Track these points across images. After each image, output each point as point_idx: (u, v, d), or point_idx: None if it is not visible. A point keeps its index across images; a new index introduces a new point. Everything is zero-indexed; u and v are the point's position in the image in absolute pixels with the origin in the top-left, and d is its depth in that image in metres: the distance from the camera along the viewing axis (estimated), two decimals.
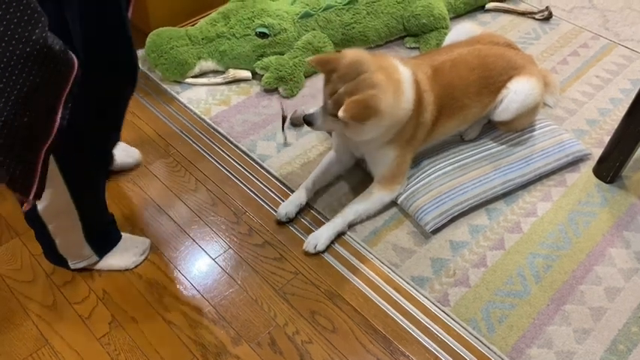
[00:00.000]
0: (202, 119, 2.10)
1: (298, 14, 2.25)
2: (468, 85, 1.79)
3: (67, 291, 1.58)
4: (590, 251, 1.71)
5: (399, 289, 1.61)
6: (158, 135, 2.04)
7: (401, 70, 1.65)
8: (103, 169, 1.53)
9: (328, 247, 1.69)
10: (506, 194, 1.85)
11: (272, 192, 1.85)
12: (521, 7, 2.65)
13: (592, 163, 1.95)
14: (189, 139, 2.03)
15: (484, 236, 1.74)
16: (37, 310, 1.54)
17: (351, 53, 1.59)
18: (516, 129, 1.96)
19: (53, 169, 1.29)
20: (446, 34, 2.22)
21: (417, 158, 1.86)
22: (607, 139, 1.90)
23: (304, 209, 1.79)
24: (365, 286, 1.61)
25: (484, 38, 1.92)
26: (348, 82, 1.54)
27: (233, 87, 2.22)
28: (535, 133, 1.97)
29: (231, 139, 2.02)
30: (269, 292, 1.59)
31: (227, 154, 1.98)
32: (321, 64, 1.58)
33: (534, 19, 2.62)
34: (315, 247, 1.67)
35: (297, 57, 2.19)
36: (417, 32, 2.40)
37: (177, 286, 1.60)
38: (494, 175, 1.83)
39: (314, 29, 2.26)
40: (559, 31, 2.56)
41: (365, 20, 2.32)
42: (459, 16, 2.58)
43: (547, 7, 2.62)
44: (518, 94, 1.82)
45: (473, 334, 1.51)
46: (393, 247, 1.70)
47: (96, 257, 1.58)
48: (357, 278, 1.63)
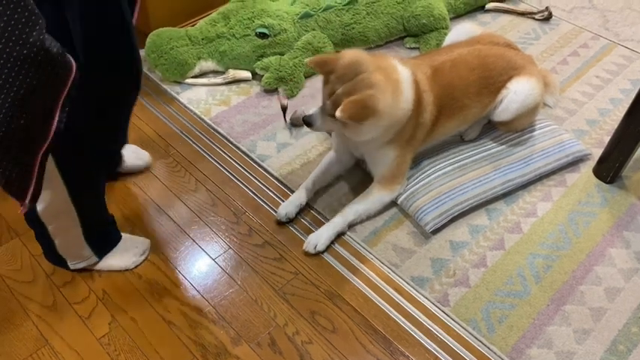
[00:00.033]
0: (202, 119, 2.10)
1: (298, 14, 2.25)
2: (468, 85, 1.79)
3: (67, 291, 1.58)
4: (590, 251, 1.71)
5: (399, 290, 1.61)
6: (158, 135, 2.04)
7: (400, 70, 1.65)
8: (102, 170, 1.53)
9: (328, 248, 1.69)
10: (507, 194, 1.85)
11: (272, 192, 1.85)
12: (521, 8, 2.65)
13: (592, 164, 1.95)
14: (189, 139, 2.03)
15: (484, 236, 1.74)
16: (37, 310, 1.54)
17: (350, 54, 1.59)
18: (516, 129, 1.96)
19: (52, 170, 1.28)
20: (446, 34, 2.22)
21: (417, 158, 1.86)
22: (607, 140, 1.90)
23: (304, 209, 1.79)
24: (365, 286, 1.61)
25: (484, 38, 1.92)
26: (346, 83, 1.54)
27: (233, 87, 2.22)
28: (535, 133, 1.97)
29: (231, 140, 2.02)
30: (269, 293, 1.59)
31: (227, 154, 1.98)
32: (319, 65, 1.59)
33: (534, 19, 2.62)
34: (315, 247, 1.67)
35: (297, 57, 2.19)
36: (417, 32, 2.40)
37: (177, 286, 1.61)
38: (494, 175, 1.83)
39: (314, 29, 2.26)
40: (559, 31, 2.56)
41: (365, 20, 2.32)
42: (458, 16, 2.58)
43: (547, 8, 2.62)
44: (518, 94, 1.82)
45: (473, 335, 1.51)
46: (393, 248, 1.70)
47: (95, 258, 1.58)
48: (357, 278, 1.63)
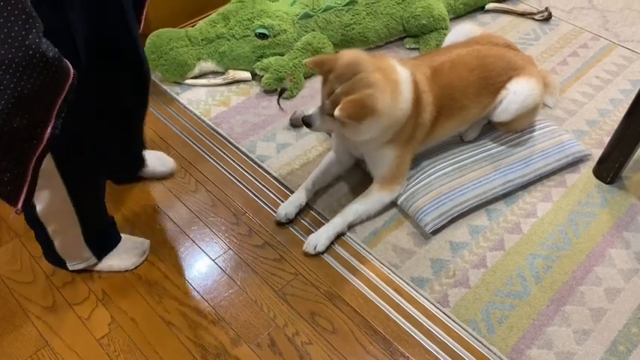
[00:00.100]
0: (202, 120, 2.10)
1: (298, 15, 2.25)
2: (467, 86, 1.79)
3: (67, 292, 1.58)
4: (590, 252, 1.71)
5: (398, 290, 1.61)
6: (158, 136, 2.04)
7: (399, 70, 1.65)
8: (102, 171, 1.53)
9: (328, 248, 1.69)
10: (506, 195, 1.84)
11: (272, 193, 1.85)
12: (520, 8, 2.65)
13: (592, 164, 1.95)
14: (188, 140, 2.03)
15: (484, 237, 1.74)
16: (37, 311, 1.54)
17: (348, 54, 1.59)
18: (516, 130, 1.96)
19: (52, 170, 1.28)
20: (445, 34, 2.22)
21: (417, 159, 1.86)
22: (607, 140, 1.90)
23: (304, 210, 1.79)
24: (365, 287, 1.61)
25: (483, 39, 1.92)
26: (345, 82, 1.54)
27: (233, 88, 2.23)
28: (535, 133, 1.97)
29: (230, 140, 2.02)
30: (269, 293, 1.59)
31: (227, 155, 1.98)
32: (318, 65, 1.59)
33: (534, 19, 2.62)
34: (315, 247, 1.67)
35: (297, 58, 2.19)
36: (417, 33, 2.40)
37: (177, 287, 1.60)
38: (494, 175, 1.83)
39: (313, 30, 2.26)
40: (559, 31, 2.56)
41: (364, 21, 2.32)
42: (458, 16, 2.58)
43: (547, 8, 2.62)
44: (517, 94, 1.82)
45: (473, 335, 1.51)
46: (393, 248, 1.70)
47: (95, 259, 1.58)
48: (356, 279, 1.63)
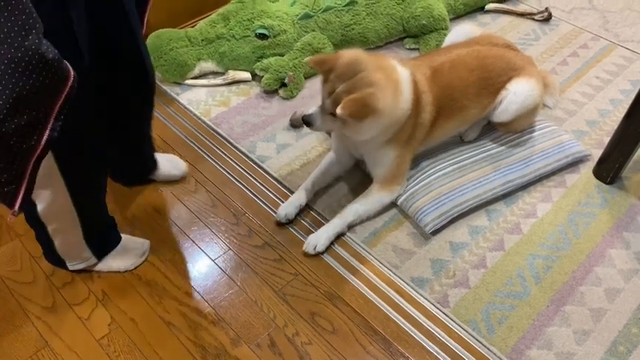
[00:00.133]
0: (202, 120, 2.10)
1: (298, 15, 2.25)
2: (467, 86, 1.79)
3: (67, 292, 1.58)
4: (590, 252, 1.71)
5: (398, 291, 1.61)
6: (158, 136, 2.03)
7: (399, 70, 1.65)
8: (103, 171, 1.52)
9: (328, 248, 1.69)
10: (506, 195, 1.84)
11: (271, 193, 1.85)
12: (520, 8, 2.65)
13: (592, 164, 1.95)
14: (188, 140, 2.03)
15: (484, 237, 1.74)
16: (37, 311, 1.54)
17: (349, 53, 1.59)
18: (516, 130, 1.96)
19: (53, 170, 1.28)
20: (445, 35, 2.22)
21: (417, 159, 1.86)
22: (607, 140, 1.90)
23: (304, 210, 1.79)
24: (365, 287, 1.61)
25: (483, 39, 1.92)
26: (346, 81, 1.54)
27: (233, 88, 2.23)
28: (535, 134, 1.97)
29: (230, 141, 2.02)
30: (269, 294, 1.59)
31: (227, 155, 1.98)
32: (319, 64, 1.59)
33: (534, 20, 2.62)
34: (315, 248, 1.67)
35: (297, 58, 2.19)
36: (417, 33, 2.40)
37: (177, 287, 1.60)
38: (493, 176, 1.83)
39: (313, 30, 2.26)
40: (559, 32, 2.56)
41: (364, 21, 2.32)
42: (458, 17, 2.58)
43: (547, 8, 2.62)
44: (517, 95, 1.82)
45: (473, 336, 1.51)
46: (393, 248, 1.70)
47: (94, 259, 1.58)
48: (356, 279, 1.63)
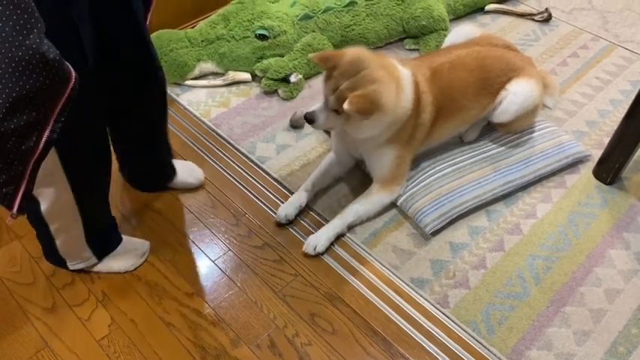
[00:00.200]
0: (202, 121, 2.10)
1: (298, 16, 2.25)
2: (467, 86, 1.80)
3: (67, 293, 1.58)
4: (590, 253, 1.71)
5: (398, 291, 1.61)
6: None
7: (400, 69, 1.66)
8: (106, 171, 1.52)
9: (328, 249, 1.69)
10: (506, 196, 1.84)
11: (271, 194, 1.85)
12: (520, 9, 2.65)
13: (592, 165, 1.95)
14: (188, 141, 2.03)
15: (484, 238, 1.74)
16: (37, 312, 1.54)
17: (353, 51, 1.61)
18: (516, 131, 1.96)
19: (57, 168, 1.28)
20: (445, 35, 2.22)
21: (417, 160, 1.86)
22: (607, 141, 1.90)
23: (304, 211, 1.79)
24: (365, 287, 1.61)
25: (483, 40, 1.92)
26: (350, 78, 1.55)
27: (233, 89, 2.23)
28: (534, 134, 1.97)
29: (230, 141, 2.02)
30: (268, 294, 1.59)
31: (226, 156, 1.98)
32: (323, 61, 1.60)
33: (534, 20, 2.62)
34: (315, 248, 1.67)
35: (297, 59, 2.19)
36: (417, 34, 2.40)
37: (177, 288, 1.60)
38: (493, 176, 1.83)
39: (313, 31, 2.26)
40: (558, 32, 2.56)
41: (364, 22, 2.32)
42: (458, 17, 2.58)
43: (546, 9, 2.62)
44: (517, 95, 1.82)
45: (473, 336, 1.51)
46: (393, 249, 1.70)
47: (95, 259, 1.58)
48: (356, 280, 1.63)
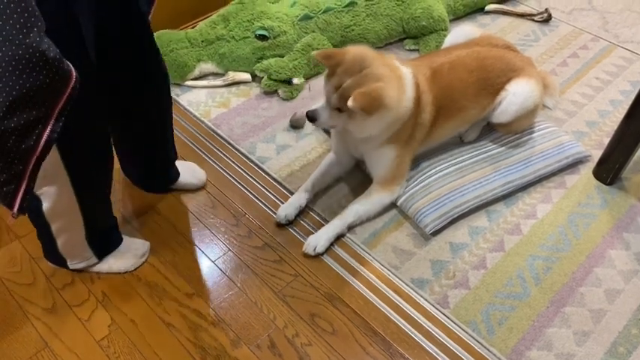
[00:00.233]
0: (202, 122, 2.10)
1: (298, 17, 2.25)
2: (467, 86, 1.80)
3: (67, 294, 1.58)
4: (590, 253, 1.71)
5: (398, 292, 1.61)
6: None
7: (402, 68, 1.68)
8: (108, 169, 1.51)
9: (328, 249, 1.69)
10: (506, 196, 1.84)
11: (271, 194, 1.85)
12: (520, 9, 2.65)
13: (592, 165, 1.95)
14: (188, 141, 2.03)
15: (484, 238, 1.74)
16: (37, 312, 1.54)
17: (356, 49, 1.62)
18: (516, 131, 1.96)
19: (59, 167, 1.28)
20: (445, 36, 2.22)
21: (417, 160, 1.86)
22: (607, 141, 1.90)
23: (304, 211, 1.79)
24: (364, 288, 1.61)
25: (483, 40, 1.93)
26: (354, 76, 1.56)
27: (233, 89, 2.23)
28: (534, 135, 1.97)
29: (230, 142, 2.02)
30: (268, 295, 1.59)
31: (227, 156, 1.98)
32: (326, 58, 1.60)
33: (534, 21, 2.62)
34: (315, 249, 1.67)
35: (297, 59, 2.19)
36: (417, 34, 2.40)
37: (177, 288, 1.60)
38: (493, 176, 1.83)
39: (313, 31, 2.26)
40: (558, 33, 2.56)
41: (364, 22, 2.32)
42: (458, 18, 2.58)
43: (546, 9, 2.62)
44: (517, 96, 1.83)
45: (473, 337, 1.51)
46: (393, 249, 1.70)
47: (95, 259, 1.58)
48: (356, 280, 1.63)
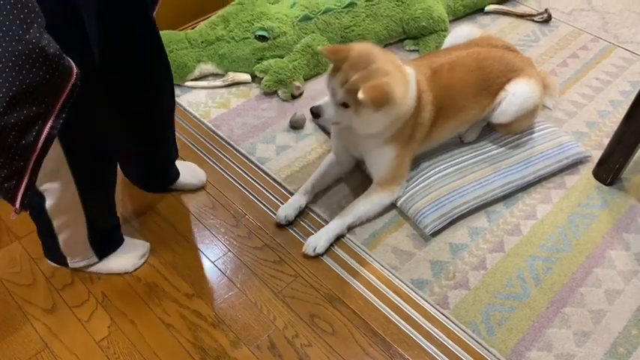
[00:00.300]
0: (202, 122, 2.10)
1: (297, 17, 2.25)
2: (466, 87, 1.80)
3: (67, 294, 1.58)
4: (590, 253, 1.71)
5: (398, 292, 1.61)
6: None
7: (405, 66, 1.69)
8: (112, 168, 1.51)
9: (327, 250, 1.69)
10: (506, 196, 1.84)
11: (271, 195, 1.85)
12: (520, 10, 2.65)
13: (591, 166, 1.95)
14: (188, 142, 2.03)
15: (484, 239, 1.74)
16: (37, 313, 1.54)
17: (361, 45, 1.63)
18: (515, 131, 1.96)
19: (62, 164, 1.29)
20: (445, 36, 2.22)
21: (417, 161, 1.86)
22: (606, 142, 1.90)
23: (304, 212, 1.79)
24: (364, 288, 1.61)
25: (482, 41, 1.93)
26: (361, 71, 1.56)
27: (232, 90, 2.23)
28: (534, 135, 1.97)
29: (230, 142, 2.02)
30: (268, 295, 1.59)
31: (226, 157, 1.98)
32: (333, 53, 1.61)
33: (533, 21, 2.62)
34: (315, 249, 1.67)
35: (297, 60, 2.19)
36: (417, 35, 2.40)
37: (177, 289, 1.60)
38: (493, 177, 1.83)
39: (313, 32, 2.26)
40: (558, 33, 2.56)
41: (364, 23, 2.32)
42: (458, 18, 2.58)
43: (546, 10, 2.62)
44: (516, 96, 1.83)
45: (472, 337, 1.51)
46: (393, 250, 1.70)
47: (96, 258, 1.58)
48: (356, 281, 1.63)
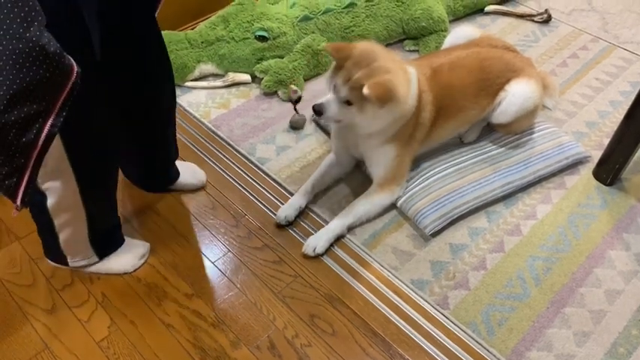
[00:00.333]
0: (202, 123, 2.10)
1: (297, 17, 2.25)
2: (466, 87, 1.80)
3: (67, 295, 1.58)
4: (590, 253, 1.71)
5: (398, 293, 1.60)
6: None
7: (406, 66, 1.69)
8: (113, 167, 1.51)
9: (327, 250, 1.69)
10: (506, 197, 1.84)
11: (271, 195, 1.85)
12: (520, 10, 2.66)
13: (591, 166, 1.95)
14: (188, 142, 2.03)
15: (484, 239, 1.74)
16: (37, 313, 1.54)
17: (364, 43, 1.64)
18: (515, 131, 1.96)
19: (64, 162, 1.29)
20: (445, 37, 2.22)
21: (417, 161, 1.86)
22: (606, 142, 1.90)
23: (303, 212, 1.79)
24: (364, 289, 1.61)
25: (482, 41, 1.93)
26: (364, 68, 1.57)
27: (232, 90, 2.23)
28: (534, 135, 1.97)
29: (230, 143, 2.02)
30: (268, 296, 1.59)
31: (226, 157, 1.98)
32: (337, 50, 1.61)
33: (533, 21, 2.62)
34: (315, 250, 1.67)
35: (297, 60, 2.19)
36: (417, 35, 2.40)
37: (177, 289, 1.60)
38: (493, 177, 1.83)
39: (313, 33, 2.26)
40: (558, 33, 2.56)
41: (364, 23, 2.32)
42: (458, 19, 2.58)
43: (546, 10, 2.62)
44: (516, 96, 1.83)
45: (472, 338, 1.51)
46: (393, 250, 1.70)
47: (96, 257, 1.58)
48: (356, 281, 1.63)
